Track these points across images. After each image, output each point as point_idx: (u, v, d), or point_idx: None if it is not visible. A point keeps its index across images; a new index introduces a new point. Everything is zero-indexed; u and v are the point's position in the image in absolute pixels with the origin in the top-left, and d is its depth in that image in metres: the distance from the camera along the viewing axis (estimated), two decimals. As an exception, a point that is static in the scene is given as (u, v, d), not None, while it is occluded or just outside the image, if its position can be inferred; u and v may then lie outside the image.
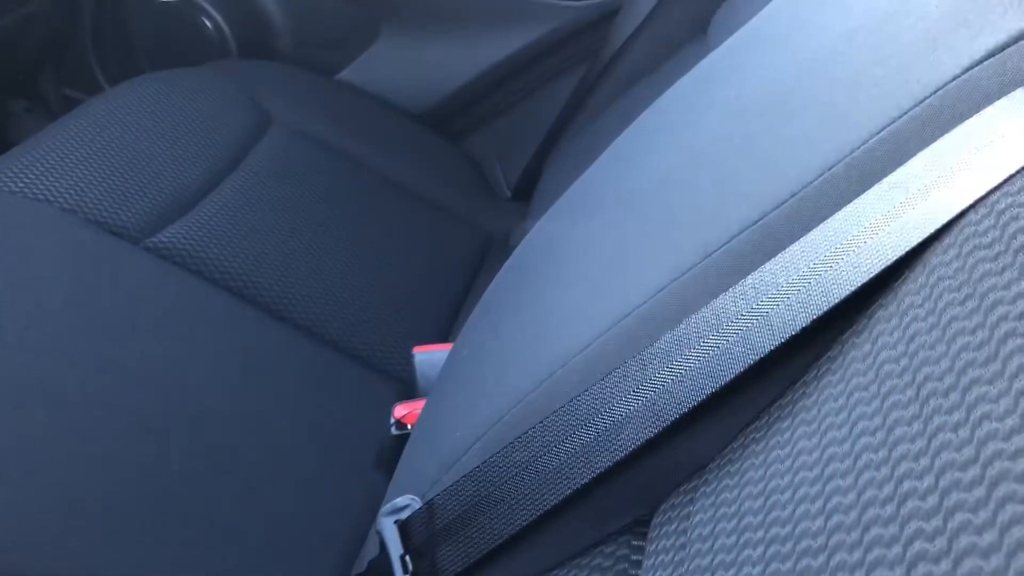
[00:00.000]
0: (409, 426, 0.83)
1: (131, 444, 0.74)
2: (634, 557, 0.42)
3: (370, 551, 0.62)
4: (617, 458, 0.43)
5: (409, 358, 0.94)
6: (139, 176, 0.95)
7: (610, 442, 0.43)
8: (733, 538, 0.34)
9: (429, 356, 0.90)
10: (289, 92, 1.21)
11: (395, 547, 0.53)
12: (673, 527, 0.39)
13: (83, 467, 0.72)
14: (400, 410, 0.84)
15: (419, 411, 0.84)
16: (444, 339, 1.03)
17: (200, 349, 0.84)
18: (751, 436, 0.38)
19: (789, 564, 0.30)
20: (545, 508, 0.46)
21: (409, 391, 0.92)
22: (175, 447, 0.76)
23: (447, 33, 1.28)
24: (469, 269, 1.13)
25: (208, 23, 1.33)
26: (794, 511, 0.32)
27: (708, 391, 0.40)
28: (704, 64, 0.67)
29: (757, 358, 0.39)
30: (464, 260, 1.13)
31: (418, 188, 1.18)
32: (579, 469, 0.45)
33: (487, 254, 1.17)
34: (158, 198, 0.94)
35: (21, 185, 0.89)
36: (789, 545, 0.31)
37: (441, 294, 1.07)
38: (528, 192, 1.22)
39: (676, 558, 0.37)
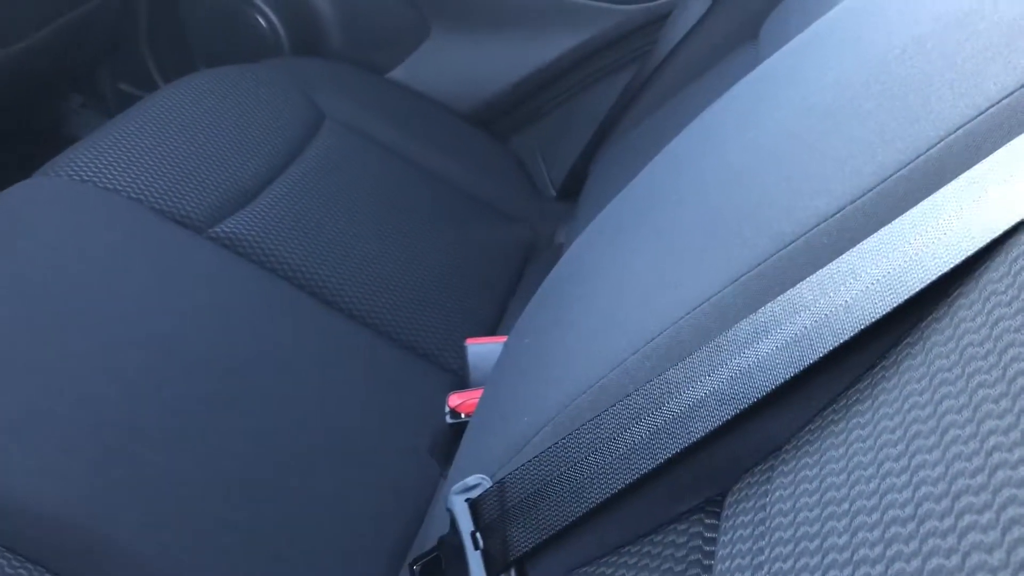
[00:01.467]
0: (463, 415, 0.86)
1: (196, 425, 0.77)
2: (708, 535, 0.44)
3: (433, 530, 0.64)
4: (691, 441, 0.45)
5: (460, 350, 0.96)
6: (201, 168, 0.98)
7: (684, 425, 0.45)
8: (816, 511, 0.36)
9: (481, 348, 0.92)
10: (341, 89, 1.24)
11: (466, 524, 0.55)
12: (751, 504, 0.41)
13: (149, 446, 0.74)
14: (455, 399, 0.87)
15: (473, 401, 0.86)
16: (492, 333, 1.05)
17: (261, 336, 0.86)
18: (829, 418, 0.40)
19: (877, 532, 0.32)
20: (617, 488, 0.48)
21: (460, 382, 0.95)
22: (239, 429, 0.78)
23: (497, 33, 1.30)
24: (515, 266, 1.15)
25: (262, 21, 1.36)
26: (880, 484, 0.33)
27: (784, 376, 0.42)
28: (765, 66, 0.69)
29: (834, 345, 0.41)
30: (510, 257, 1.16)
31: (466, 186, 1.21)
32: (652, 450, 0.46)
33: (532, 252, 1.19)
34: (219, 189, 0.97)
35: (91, 174, 0.92)
36: (876, 516, 0.33)
37: (488, 290, 1.09)
38: (573, 192, 1.24)
39: (756, 532, 0.39)
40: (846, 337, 0.40)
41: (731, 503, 0.44)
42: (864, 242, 0.42)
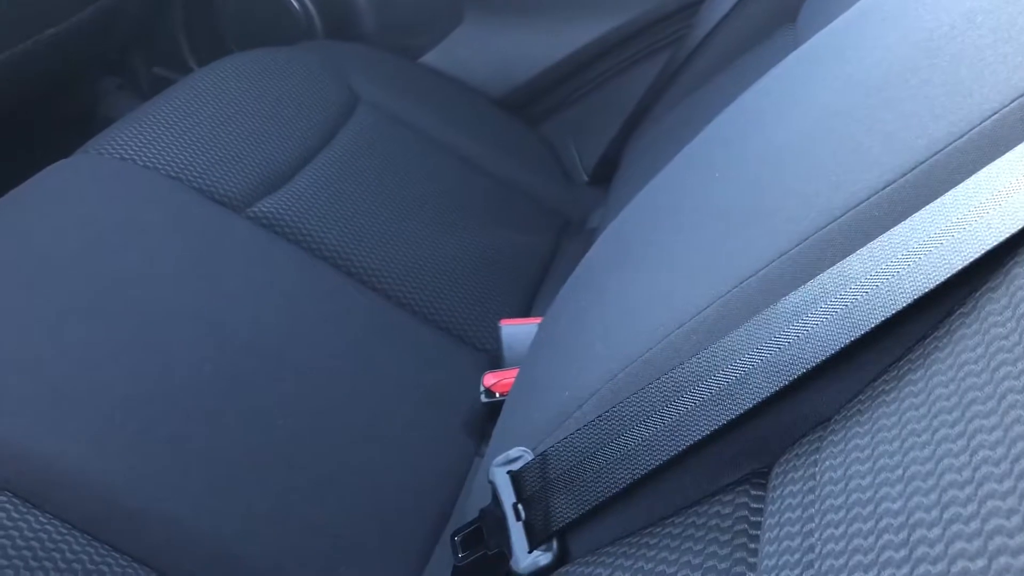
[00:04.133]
0: (498, 394, 0.86)
1: (237, 400, 0.78)
2: (754, 505, 0.44)
3: (472, 503, 0.65)
4: (737, 413, 0.45)
5: (493, 331, 0.97)
6: (239, 148, 0.99)
7: (731, 397, 0.46)
8: (868, 479, 0.36)
9: (515, 329, 0.92)
10: (375, 73, 1.24)
11: (508, 496, 0.56)
12: (799, 474, 0.41)
13: (190, 420, 0.75)
14: (490, 379, 0.87)
15: (507, 380, 0.87)
16: (524, 315, 1.06)
17: (299, 314, 0.87)
18: (880, 389, 0.40)
19: (933, 496, 0.32)
20: (661, 460, 0.48)
21: (494, 362, 0.95)
22: (278, 405, 0.79)
23: (530, 18, 1.30)
24: (547, 251, 1.16)
25: (296, 4, 1.36)
26: (935, 450, 0.34)
27: (834, 348, 0.42)
28: (808, 45, 0.69)
29: (885, 317, 0.41)
30: (542, 242, 1.16)
31: (498, 170, 1.21)
32: (697, 423, 0.47)
33: (564, 237, 1.20)
34: (257, 170, 0.98)
35: (131, 153, 0.93)
36: (931, 481, 0.33)
37: (520, 273, 1.09)
38: (605, 177, 1.24)
39: (805, 500, 0.39)
40: (898, 308, 0.40)
41: (778, 474, 0.44)
42: (916, 214, 0.42)
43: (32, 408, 0.70)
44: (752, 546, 0.42)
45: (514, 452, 0.57)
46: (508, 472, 0.56)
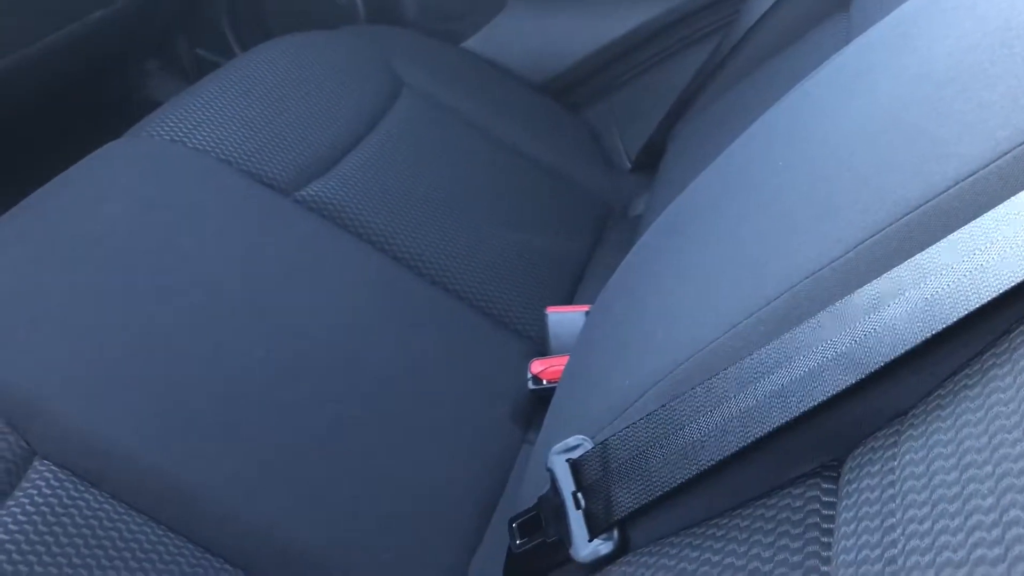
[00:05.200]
0: (545, 381, 0.86)
1: (288, 385, 0.78)
2: (826, 499, 0.44)
3: (527, 491, 0.64)
4: (810, 405, 0.45)
5: (538, 318, 0.97)
6: (286, 132, 0.99)
7: (803, 389, 0.45)
8: (954, 475, 0.36)
9: (561, 316, 0.92)
10: (418, 58, 1.24)
11: (567, 484, 0.56)
12: (876, 468, 0.41)
13: (243, 403, 0.76)
14: (537, 366, 0.87)
15: (555, 368, 0.87)
16: (568, 303, 1.05)
17: (348, 299, 0.87)
18: (962, 383, 0.40)
19: (1029, 492, 0.32)
20: (728, 452, 0.48)
21: (538, 349, 0.95)
22: (328, 389, 0.79)
23: (573, 3, 1.29)
24: (590, 238, 1.15)
25: (339, -12, 1.36)
26: (1028, 447, 0.33)
27: (914, 341, 0.41)
28: (869, 35, 0.68)
29: (969, 310, 0.40)
30: (585, 229, 1.15)
31: (541, 156, 1.20)
32: (768, 415, 0.46)
33: (607, 225, 1.19)
34: (304, 154, 0.98)
35: (181, 135, 0.93)
36: (1026, 477, 0.32)
37: (564, 260, 1.09)
38: (649, 165, 1.23)
39: (884, 495, 0.39)
40: (982, 302, 0.39)
41: (852, 468, 0.43)
42: (1001, 205, 0.41)
43: (88, 389, 0.71)
44: (825, 539, 0.42)
45: (573, 440, 0.57)
46: (567, 460, 0.56)
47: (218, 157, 0.93)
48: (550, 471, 0.57)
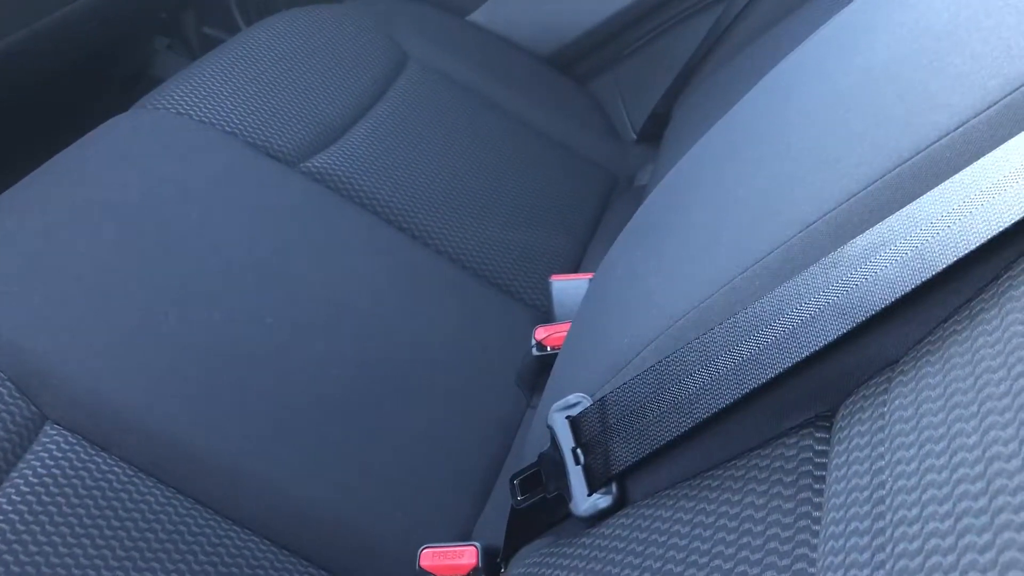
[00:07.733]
0: (549, 348, 0.87)
1: (295, 350, 0.79)
2: (819, 447, 0.44)
3: (529, 449, 0.65)
4: (802, 356, 0.45)
5: (543, 287, 0.97)
6: (292, 104, 1.00)
7: (796, 340, 0.45)
8: (941, 416, 0.36)
9: (565, 284, 0.93)
10: (423, 30, 1.24)
11: (567, 440, 0.56)
12: (867, 415, 0.41)
13: (251, 368, 0.77)
14: (541, 332, 0.88)
15: (558, 334, 0.87)
16: (573, 272, 1.06)
17: (354, 268, 0.88)
18: (951, 329, 0.40)
19: (1011, 430, 0.32)
20: (723, 404, 0.48)
21: (543, 317, 0.96)
22: (334, 355, 0.80)
23: (577, -24, 1.29)
24: (595, 208, 1.16)
25: (344, -37, 1.36)
26: (1012, 385, 0.33)
27: (905, 289, 0.42)
28: (867, -5, 0.68)
29: (956, 258, 0.40)
30: (591, 199, 1.16)
31: (546, 128, 1.21)
32: (761, 367, 0.47)
33: (613, 194, 1.19)
34: (310, 125, 0.99)
35: (187, 107, 0.94)
36: (1009, 415, 0.33)
37: (569, 230, 1.09)
38: (654, 135, 1.23)
39: (874, 440, 0.39)
40: (970, 249, 0.40)
41: (844, 416, 0.44)
42: (989, 154, 0.41)
43: (99, 353, 0.72)
44: (818, 487, 0.42)
45: (572, 398, 0.58)
46: (567, 417, 0.57)
47: (224, 129, 0.94)
48: (550, 428, 0.58)
